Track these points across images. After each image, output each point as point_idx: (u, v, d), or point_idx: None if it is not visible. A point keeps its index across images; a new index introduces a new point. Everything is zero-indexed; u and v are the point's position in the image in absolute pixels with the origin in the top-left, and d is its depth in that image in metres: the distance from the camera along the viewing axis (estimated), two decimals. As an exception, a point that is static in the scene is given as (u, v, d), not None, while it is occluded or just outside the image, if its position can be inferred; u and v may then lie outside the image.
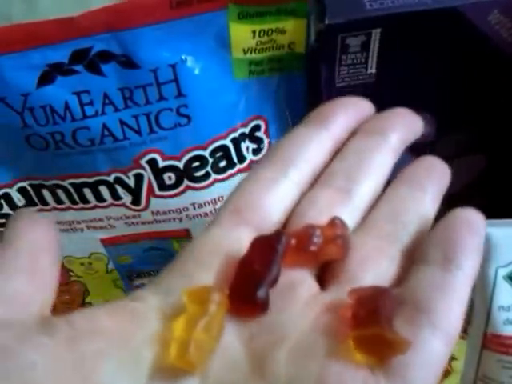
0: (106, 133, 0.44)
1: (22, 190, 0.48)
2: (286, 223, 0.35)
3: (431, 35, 0.44)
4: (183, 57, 0.42)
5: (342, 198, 0.35)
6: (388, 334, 0.27)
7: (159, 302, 0.30)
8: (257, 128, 0.49)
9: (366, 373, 0.28)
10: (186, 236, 0.54)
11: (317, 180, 0.36)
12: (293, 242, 0.31)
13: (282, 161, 0.36)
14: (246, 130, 0.48)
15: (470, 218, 0.32)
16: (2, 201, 0.48)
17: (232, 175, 0.50)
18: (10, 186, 0.48)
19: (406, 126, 0.38)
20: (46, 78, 0.41)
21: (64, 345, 0.26)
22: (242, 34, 0.43)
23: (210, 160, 0.48)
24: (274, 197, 0.34)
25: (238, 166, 0.50)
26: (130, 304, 0.30)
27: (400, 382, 0.28)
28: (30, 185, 0.48)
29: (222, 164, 0.49)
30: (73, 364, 0.26)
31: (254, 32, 0.43)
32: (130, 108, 0.44)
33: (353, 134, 0.38)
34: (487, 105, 0.45)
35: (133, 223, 0.52)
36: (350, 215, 0.34)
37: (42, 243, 0.30)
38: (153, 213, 0.51)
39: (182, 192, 0.49)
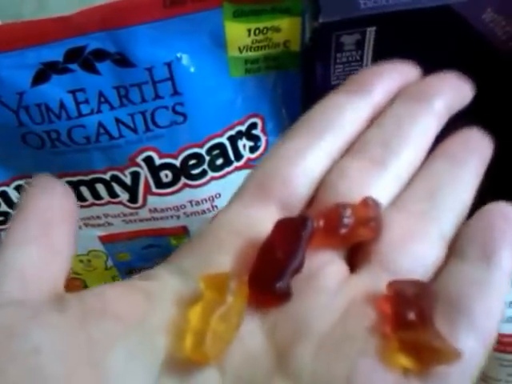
0: (102, 131, 0.44)
1: (19, 188, 0.48)
2: (314, 197, 0.32)
3: (426, 33, 0.44)
4: (178, 55, 0.42)
5: (377, 170, 0.32)
6: (436, 343, 0.26)
7: (175, 282, 0.28)
8: (254, 126, 0.49)
9: (397, 376, 0.26)
10: (183, 233, 0.54)
11: (350, 149, 0.34)
12: (321, 223, 0.29)
13: (312, 130, 0.34)
14: (243, 128, 0.48)
15: (506, 212, 0.30)
16: (0, 199, 0.49)
17: (229, 173, 0.50)
18: (8, 184, 0.48)
19: (453, 91, 0.35)
20: (41, 77, 0.41)
21: (74, 325, 0.25)
22: (238, 33, 0.43)
23: (207, 158, 0.48)
24: (303, 169, 0.32)
25: (235, 164, 0.50)
26: (145, 283, 0.28)
27: (436, 382, 0.26)
28: (27, 183, 0.48)
29: (219, 162, 0.49)
30: (82, 348, 0.24)
31: (249, 30, 0.43)
32: (126, 106, 0.44)
33: (393, 100, 0.35)
34: (482, 102, 0.45)
35: (130, 221, 0.52)
36: (385, 189, 0.32)
37: (56, 211, 0.29)
38: (150, 210, 0.51)
39: (179, 190, 0.49)
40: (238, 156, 0.49)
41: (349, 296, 0.28)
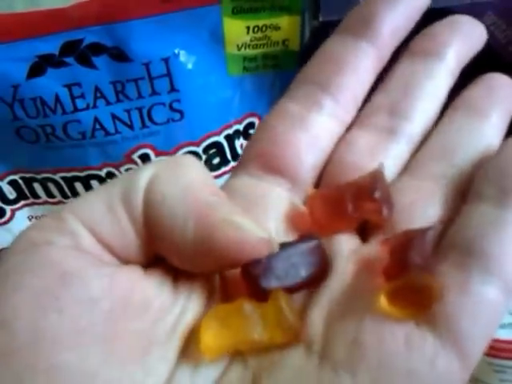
0: (98, 126, 0.44)
1: (12, 183, 0.48)
2: (323, 169, 0.31)
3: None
4: (176, 51, 0.42)
5: (386, 139, 0.31)
6: (418, 280, 0.25)
7: None
8: (251, 125, 0.49)
9: (408, 328, 0.25)
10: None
11: (358, 118, 0.32)
12: (327, 207, 0.29)
13: (313, 89, 0.31)
14: (241, 127, 0.48)
15: None
16: (-7, 193, 0.48)
17: (226, 173, 0.49)
18: (1, 179, 0.48)
19: (463, 38, 0.33)
20: (37, 70, 0.41)
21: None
22: (236, 30, 0.43)
23: (204, 157, 0.48)
24: (307, 138, 0.30)
25: (232, 164, 0.49)
26: None
27: (449, 334, 0.25)
28: (21, 178, 0.48)
29: (216, 161, 0.49)
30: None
31: (248, 28, 0.43)
32: (122, 102, 0.43)
33: (403, 55, 0.33)
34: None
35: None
36: (396, 157, 0.31)
37: None
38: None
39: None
40: (235, 155, 0.49)
41: (357, 262, 0.28)
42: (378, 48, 0.32)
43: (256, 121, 0.49)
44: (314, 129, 0.31)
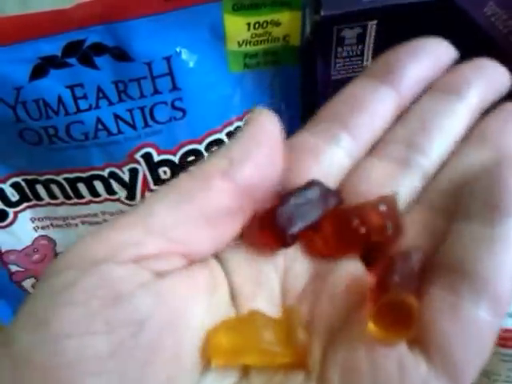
0: (100, 127, 0.44)
1: (15, 185, 0.48)
2: None
3: (427, 27, 0.44)
4: (178, 49, 0.42)
5: (400, 170, 0.31)
6: (396, 298, 0.25)
7: None
8: (252, 121, 0.48)
9: (401, 352, 0.25)
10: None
11: (373, 149, 0.33)
12: (332, 230, 0.29)
13: (333, 124, 0.32)
14: (242, 124, 0.48)
15: None
16: (-4, 196, 0.48)
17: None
18: (4, 181, 0.47)
19: (488, 80, 0.33)
20: (39, 71, 0.40)
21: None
22: (237, 26, 0.43)
23: (206, 154, 0.47)
24: (321, 169, 0.31)
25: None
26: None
27: (441, 358, 0.25)
28: (24, 180, 0.47)
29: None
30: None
31: (248, 24, 0.43)
32: (125, 102, 0.43)
33: (425, 91, 0.33)
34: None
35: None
36: (408, 188, 0.31)
37: None
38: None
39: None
40: (237, 152, 0.49)
41: (353, 289, 0.28)
42: (400, 94, 0.33)
43: (257, 117, 0.49)
44: (327, 159, 0.32)
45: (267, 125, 0.30)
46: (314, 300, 0.29)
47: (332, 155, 0.32)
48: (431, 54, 0.33)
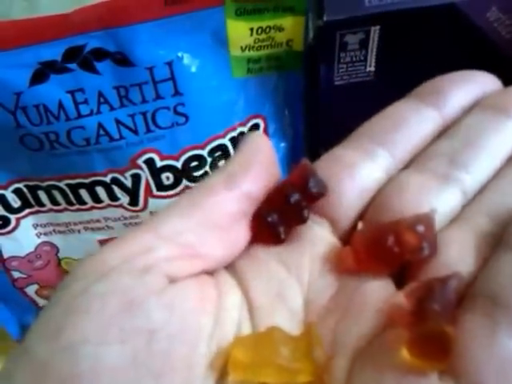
0: (102, 132, 0.44)
1: (17, 192, 0.48)
2: (366, 210, 0.31)
3: (430, 32, 0.44)
4: (180, 54, 0.42)
5: (439, 185, 0.30)
6: (435, 328, 0.24)
7: None
8: (255, 127, 0.49)
9: (430, 381, 0.24)
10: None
11: (413, 162, 0.32)
12: (364, 247, 0.28)
13: (370, 140, 0.32)
14: (245, 129, 0.48)
15: None
16: (-3, 202, 0.48)
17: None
18: (5, 188, 0.47)
19: None
20: (39, 77, 0.40)
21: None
22: (240, 32, 0.43)
23: (209, 159, 0.47)
24: (356, 186, 0.31)
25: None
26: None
27: None
28: (26, 186, 0.47)
29: (221, 164, 0.48)
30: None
31: (251, 29, 0.43)
32: (126, 107, 0.43)
33: (467, 112, 0.33)
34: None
35: (131, 224, 0.51)
36: (446, 206, 0.30)
37: None
38: (151, 213, 0.50)
39: (181, 192, 0.48)
40: (241, 158, 0.48)
41: (385, 310, 0.27)
42: (443, 116, 0.32)
43: (260, 122, 0.49)
44: (363, 175, 0.31)
45: (260, 143, 0.32)
46: (340, 317, 0.28)
47: (367, 170, 0.31)
48: (478, 83, 0.33)
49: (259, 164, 0.30)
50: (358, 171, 0.31)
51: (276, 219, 0.30)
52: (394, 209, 0.30)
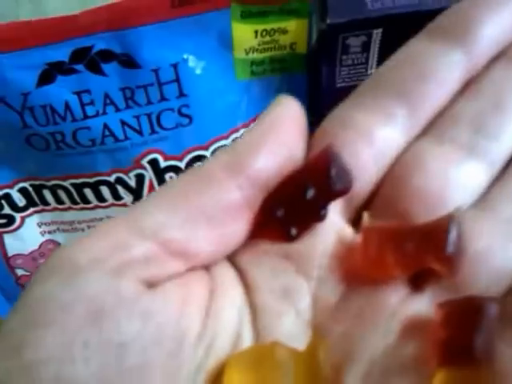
0: (107, 133, 0.44)
1: (22, 191, 0.48)
2: (380, 186, 0.27)
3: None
4: (185, 56, 0.42)
5: (463, 161, 0.26)
6: (479, 378, 0.22)
7: None
8: (258, 128, 0.49)
9: None
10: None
11: (433, 127, 0.27)
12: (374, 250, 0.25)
13: (388, 95, 0.27)
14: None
15: None
16: (3, 201, 0.48)
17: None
18: (11, 187, 0.47)
19: None
20: (46, 77, 0.41)
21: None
22: (245, 34, 0.43)
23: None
24: (370, 153, 0.26)
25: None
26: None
27: None
28: (31, 185, 0.48)
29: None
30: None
31: (256, 32, 0.43)
32: (132, 108, 0.43)
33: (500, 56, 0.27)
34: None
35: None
36: (471, 185, 0.26)
37: None
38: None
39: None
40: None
41: (406, 319, 0.24)
42: (472, 58, 0.27)
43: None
44: (381, 142, 0.26)
45: (285, 112, 0.26)
46: (351, 322, 0.25)
47: (386, 136, 0.26)
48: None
49: (275, 138, 0.25)
50: (375, 139, 0.26)
51: (287, 214, 0.25)
52: (412, 189, 0.26)
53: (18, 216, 0.49)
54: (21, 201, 0.48)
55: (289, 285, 0.26)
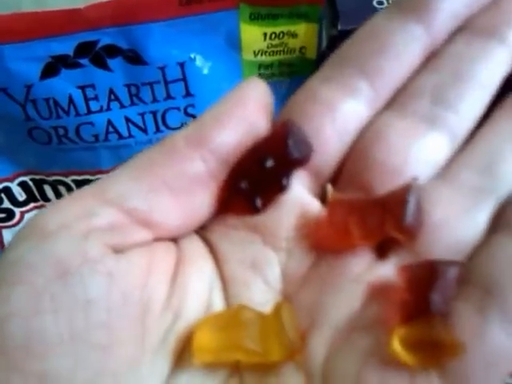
0: (111, 129, 0.44)
1: (22, 185, 0.48)
2: (346, 159, 0.28)
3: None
4: (192, 55, 0.42)
5: (424, 133, 0.27)
6: (438, 335, 0.23)
7: None
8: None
9: (414, 376, 0.23)
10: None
11: (395, 100, 0.28)
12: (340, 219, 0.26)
13: (351, 70, 0.27)
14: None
15: None
16: (3, 195, 0.48)
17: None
18: (11, 180, 0.47)
19: None
20: (50, 70, 0.40)
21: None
22: (253, 36, 0.43)
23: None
24: (337, 130, 0.27)
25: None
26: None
27: (456, 380, 0.23)
28: (32, 179, 0.47)
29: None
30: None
31: (265, 34, 0.43)
32: (137, 105, 0.43)
33: (459, 30, 0.28)
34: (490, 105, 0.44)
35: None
36: (433, 158, 0.27)
37: None
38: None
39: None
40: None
41: (369, 283, 0.26)
42: (431, 33, 0.28)
43: (270, 128, 0.48)
44: (343, 116, 0.27)
45: (250, 90, 0.27)
46: (318, 289, 0.26)
47: (349, 109, 0.27)
48: None
49: (237, 113, 0.26)
50: (338, 111, 0.27)
51: (249, 186, 0.26)
52: (375, 162, 0.27)
53: (17, 211, 0.49)
54: (21, 195, 0.48)
55: (257, 256, 0.27)
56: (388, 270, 0.26)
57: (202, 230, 0.28)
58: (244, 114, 0.27)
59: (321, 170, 0.28)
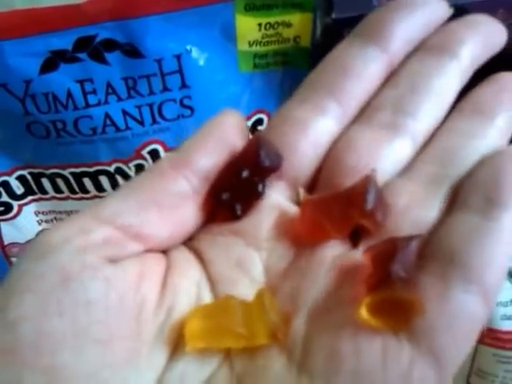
0: (109, 122, 0.44)
1: (21, 178, 0.48)
2: (320, 168, 0.31)
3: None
4: (188, 47, 0.42)
5: (388, 138, 0.30)
6: (398, 295, 0.25)
7: None
8: (259, 121, 0.49)
9: (385, 338, 0.25)
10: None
11: (361, 115, 0.32)
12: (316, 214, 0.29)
13: (320, 92, 0.31)
14: (249, 123, 0.48)
15: None
16: (1, 189, 0.48)
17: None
18: (9, 174, 0.47)
19: (482, 37, 0.32)
20: (49, 65, 0.41)
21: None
22: (248, 27, 0.43)
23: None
24: (310, 142, 0.31)
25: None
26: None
27: (427, 346, 0.25)
28: (30, 173, 0.47)
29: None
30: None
31: (259, 25, 0.43)
32: (134, 98, 0.43)
33: (414, 51, 0.32)
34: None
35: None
36: (396, 158, 0.30)
37: None
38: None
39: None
40: (244, 151, 0.49)
41: (341, 267, 0.28)
42: (389, 54, 0.32)
43: (264, 117, 0.49)
44: (315, 132, 0.31)
45: (225, 118, 0.31)
46: (299, 279, 0.29)
47: (320, 126, 0.31)
48: (423, 11, 0.32)
49: (214, 138, 0.30)
50: (311, 128, 0.31)
51: (230, 196, 0.30)
52: (346, 167, 0.30)
53: (15, 204, 0.49)
54: (19, 189, 0.48)
55: (241, 256, 0.30)
56: (359, 256, 0.28)
57: (189, 241, 0.31)
58: (222, 136, 0.30)
59: (297, 179, 0.31)
